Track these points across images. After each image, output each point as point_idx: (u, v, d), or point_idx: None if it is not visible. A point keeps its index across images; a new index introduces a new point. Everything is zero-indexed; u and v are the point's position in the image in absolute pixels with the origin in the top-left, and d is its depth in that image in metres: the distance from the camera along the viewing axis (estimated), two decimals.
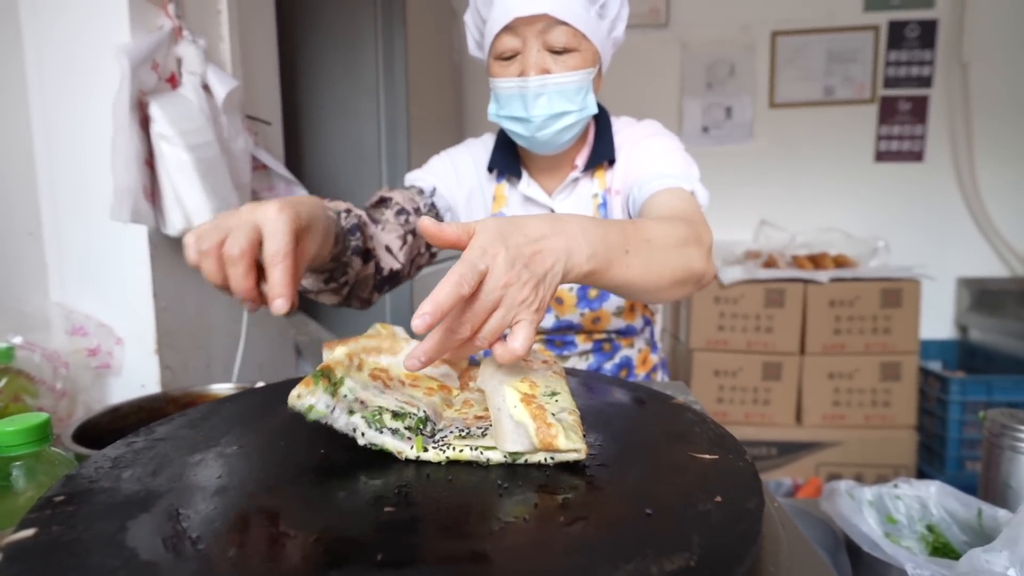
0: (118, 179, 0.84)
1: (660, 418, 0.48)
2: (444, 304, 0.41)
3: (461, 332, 0.44)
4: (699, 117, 2.53)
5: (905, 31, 2.38)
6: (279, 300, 0.48)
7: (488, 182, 0.96)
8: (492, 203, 0.95)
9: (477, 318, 0.44)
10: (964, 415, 1.98)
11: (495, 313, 0.44)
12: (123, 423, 0.78)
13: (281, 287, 0.48)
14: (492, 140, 0.99)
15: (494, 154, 0.95)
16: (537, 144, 0.86)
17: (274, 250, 0.48)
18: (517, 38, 0.79)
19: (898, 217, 2.44)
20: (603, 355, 0.96)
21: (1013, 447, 0.70)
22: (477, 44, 0.91)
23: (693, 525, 0.31)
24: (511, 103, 0.82)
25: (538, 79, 0.79)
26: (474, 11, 0.86)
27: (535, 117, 0.81)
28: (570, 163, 0.93)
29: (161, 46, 0.91)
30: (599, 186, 0.92)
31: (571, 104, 0.81)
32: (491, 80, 0.85)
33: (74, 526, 0.32)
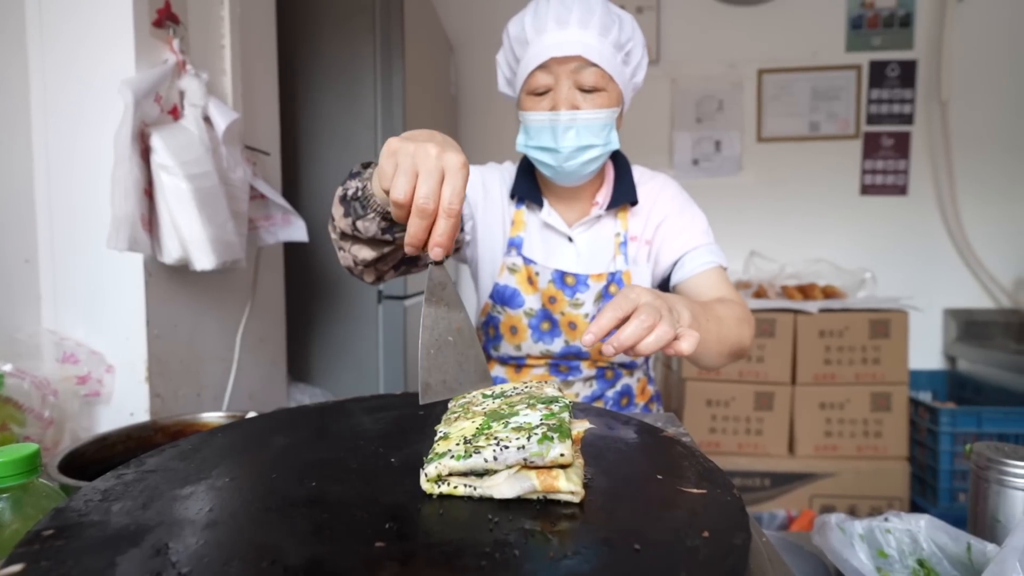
0: (117, 208, 0.85)
1: (650, 451, 0.49)
2: (606, 326, 0.60)
3: (648, 322, 0.59)
4: (689, 150, 2.59)
5: (886, 70, 2.47)
6: (438, 249, 0.53)
7: (508, 206, 1.01)
8: (511, 227, 1.00)
9: (648, 318, 0.59)
10: (955, 446, 1.99)
11: (654, 313, 0.60)
12: (110, 452, 0.77)
13: (445, 237, 0.53)
14: (511, 168, 1.04)
15: (517, 181, 1.00)
16: (562, 174, 0.91)
17: (450, 201, 0.52)
18: (550, 76, 0.86)
19: (884, 249, 2.49)
20: (606, 382, 0.99)
21: (1000, 480, 0.71)
22: (508, 81, 0.96)
23: (681, 562, 0.31)
24: (541, 135, 0.88)
25: (568, 114, 0.85)
26: (508, 50, 0.92)
27: (564, 148, 0.87)
28: (588, 199, 0.99)
29: (165, 79, 0.93)
30: (621, 227, 0.98)
31: (596, 139, 0.87)
32: (522, 113, 0.91)
33: (63, 561, 0.32)
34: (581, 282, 0.95)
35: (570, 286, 0.95)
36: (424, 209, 0.52)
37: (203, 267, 0.95)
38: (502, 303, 0.97)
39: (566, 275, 0.95)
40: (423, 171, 0.52)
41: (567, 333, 0.96)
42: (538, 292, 0.96)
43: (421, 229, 0.53)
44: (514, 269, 0.97)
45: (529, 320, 0.97)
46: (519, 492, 0.39)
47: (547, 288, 0.96)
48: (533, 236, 0.99)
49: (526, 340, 0.97)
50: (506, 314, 0.98)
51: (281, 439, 0.52)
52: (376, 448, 0.50)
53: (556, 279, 0.95)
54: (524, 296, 0.97)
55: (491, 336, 1.00)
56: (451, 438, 0.44)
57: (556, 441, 0.40)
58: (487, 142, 2.53)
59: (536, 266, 0.96)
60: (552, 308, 0.96)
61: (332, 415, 0.60)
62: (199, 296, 1.08)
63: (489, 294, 0.99)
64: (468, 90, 2.56)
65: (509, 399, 0.51)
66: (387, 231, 0.71)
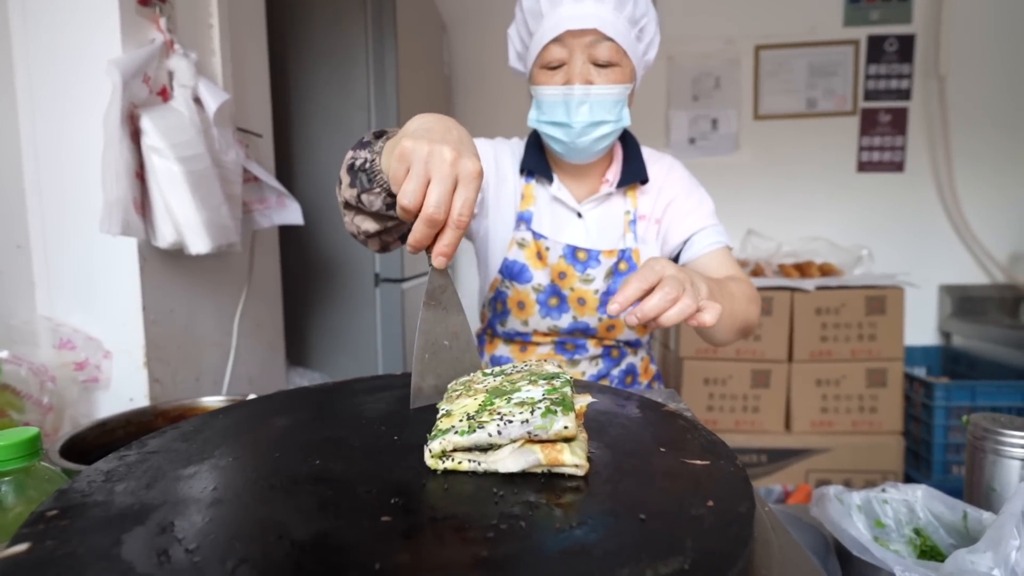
0: (108, 192, 0.84)
1: (653, 425, 0.49)
2: (632, 296, 0.60)
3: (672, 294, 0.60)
4: (686, 129, 2.57)
5: (884, 45, 2.45)
6: (442, 258, 0.52)
7: (518, 180, 1.01)
8: (520, 201, 0.99)
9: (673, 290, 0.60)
10: (949, 420, 2.01)
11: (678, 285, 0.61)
12: (111, 437, 0.77)
13: (451, 248, 0.52)
14: (520, 144, 1.03)
15: (526, 156, 0.99)
16: (574, 150, 0.91)
17: (461, 212, 0.51)
18: (565, 49, 0.85)
19: (881, 226, 2.49)
20: (611, 361, 1.00)
21: (996, 450, 0.72)
22: (519, 55, 0.94)
23: (686, 529, 0.32)
24: (554, 109, 0.87)
25: (582, 88, 0.85)
26: (521, 23, 0.91)
27: (576, 123, 0.86)
28: (598, 176, 0.99)
29: (152, 59, 0.91)
30: (631, 205, 0.98)
31: (609, 115, 0.87)
32: (534, 88, 0.90)
33: (68, 540, 0.32)
34: (593, 257, 0.95)
35: (581, 261, 0.95)
36: (433, 218, 0.50)
37: (198, 251, 0.94)
38: (511, 278, 0.97)
39: (578, 250, 0.95)
40: (436, 177, 0.50)
41: (575, 309, 0.96)
42: (547, 267, 0.96)
43: (427, 236, 0.51)
44: (523, 244, 0.97)
45: (537, 295, 0.97)
46: (524, 466, 0.39)
47: (557, 263, 0.95)
48: (543, 210, 0.98)
49: (533, 315, 0.97)
50: (514, 289, 0.98)
51: (283, 419, 0.52)
52: (379, 427, 0.50)
53: (567, 254, 0.95)
54: (532, 271, 0.96)
55: (498, 311, 1.00)
56: (454, 415, 0.44)
57: (560, 414, 0.40)
58: (481, 122, 2.50)
59: (547, 241, 0.96)
60: (561, 284, 0.96)
61: (333, 396, 0.60)
62: (195, 281, 1.07)
63: (498, 269, 0.99)
64: (462, 70, 2.52)
65: (510, 376, 0.51)
66: (392, 207, 0.69)
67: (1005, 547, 0.45)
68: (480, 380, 0.52)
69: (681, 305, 0.60)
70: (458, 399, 0.47)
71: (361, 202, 0.69)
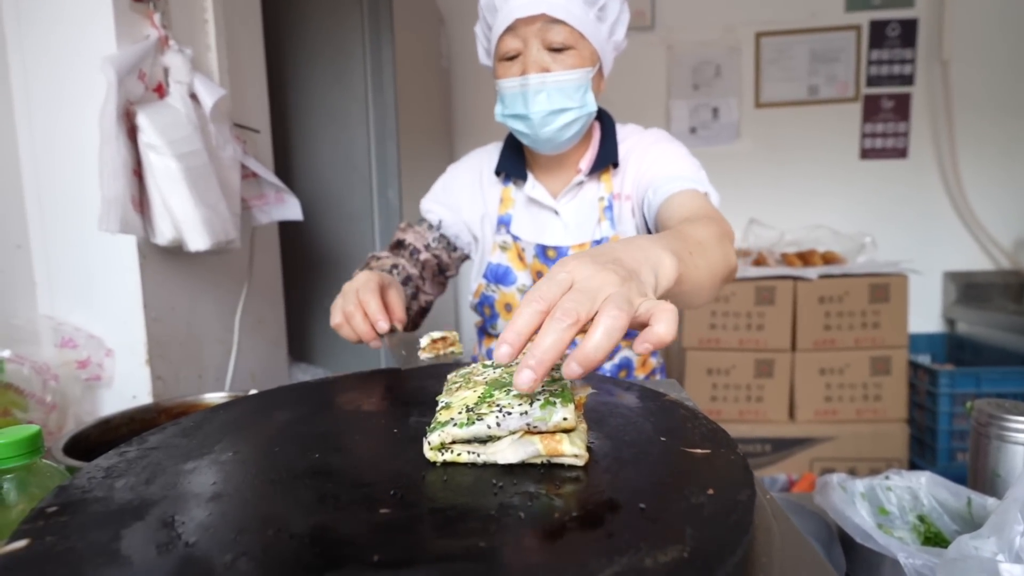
0: (106, 189, 0.84)
1: (653, 415, 0.49)
2: (523, 328, 0.38)
3: (566, 320, 0.37)
4: (686, 118, 2.55)
5: (886, 30, 2.42)
6: (380, 322, 0.71)
7: (494, 186, 1.00)
8: (499, 205, 0.98)
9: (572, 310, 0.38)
10: (953, 407, 2.01)
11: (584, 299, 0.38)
12: (114, 435, 0.77)
13: (378, 313, 0.72)
14: (495, 146, 1.02)
15: (501, 158, 0.98)
16: (540, 142, 0.88)
17: (365, 295, 0.73)
18: (518, 39, 0.83)
19: (884, 213, 2.47)
20: None
21: (1000, 436, 0.71)
22: (486, 52, 0.93)
23: (686, 518, 0.31)
24: (514, 102, 0.85)
25: (538, 76, 0.82)
26: (482, 20, 0.90)
27: (535, 114, 0.84)
28: (574, 166, 0.95)
29: (147, 56, 0.91)
30: (605, 190, 0.94)
31: (570, 101, 0.84)
32: (497, 82, 0.88)
33: (68, 536, 0.32)
34: (562, 254, 0.93)
35: (552, 259, 0.93)
36: (350, 314, 0.73)
37: (197, 248, 0.93)
38: (496, 281, 0.97)
39: (547, 249, 0.94)
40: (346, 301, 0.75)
41: None
42: (527, 268, 0.96)
43: (360, 323, 0.72)
44: (505, 247, 0.97)
45: (523, 296, 0.95)
46: (523, 457, 0.39)
47: (533, 263, 0.95)
48: (521, 212, 0.97)
49: None
50: (500, 292, 0.97)
51: (283, 414, 0.52)
52: (378, 420, 0.50)
53: (539, 253, 0.94)
54: (516, 273, 0.96)
55: (487, 315, 1.00)
56: (453, 407, 0.43)
57: (559, 406, 0.39)
58: (481, 116, 2.49)
59: (523, 242, 0.95)
60: None
61: (333, 390, 0.60)
62: (195, 278, 1.07)
63: (483, 273, 0.98)
64: (460, 63, 2.51)
65: (509, 368, 0.51)
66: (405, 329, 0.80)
67: (1009, 532, 0.45)
68: (480, 372, 0.52)
69: (605, 325, 0.37)
70: (457, 391, 0.47)
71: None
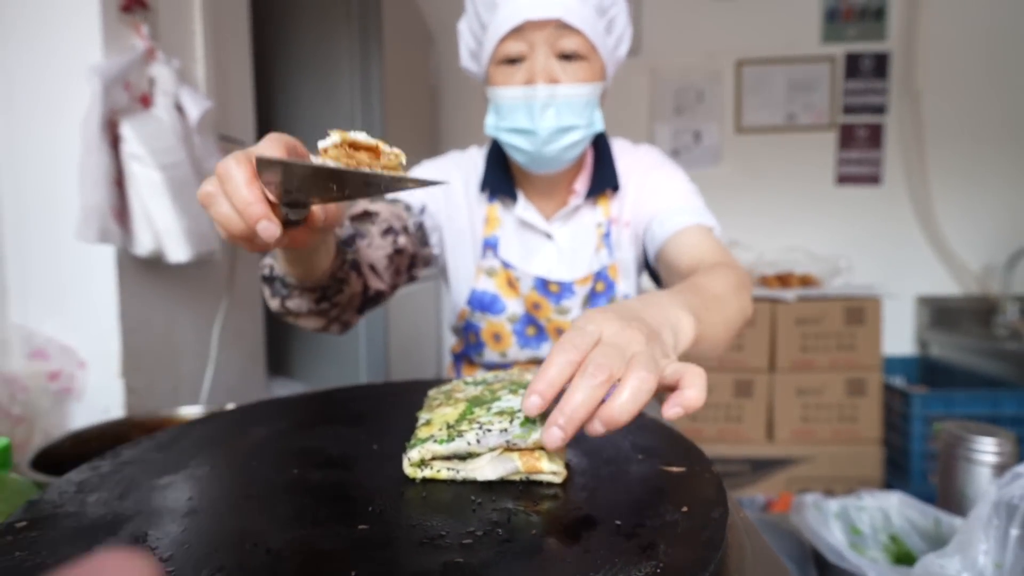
0: (86, 198, 0.83)
1: (631, 433, 0.50)
2: (555, 380, 0.36)
3: (600, 376, 0.36)
4: (669, 141, 2.61)
5: (860, 62, 2.52)
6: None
7: (478, 202, 0.90)
8: (484, 226, 0.90)
9: (605, 366, 0.36)
10: (926, 429, 2.05)
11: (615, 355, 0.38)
12: (85, 449, 0.75)
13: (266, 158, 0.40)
14: (480, 155, 0.92)
15: (487, 172, 0.88)
16: (540, 161, 0.80)
17: (255, 147, 0.43)
18: (524, 42, 0.74)
19: (859, 238, 2.54)
20: None
21: (967, 457, 0.73)
22: (472, 54, 0.84)
23: (660, 535, 0.32)
24: (514, 114, 0.76)
25: (547, 88, 0.74)
26: (472, 16, 0.80)
27: (542, 129, 0.76)
28: (567, 187, 0.88)
29: (134, 66, 0.91)
30: (603, 215, 0.88)
31: (579, 119, 0.77)
32: (491, 90, 0.78)
33: (38, 552, 0.31)
34: (566, 289, 0.87)
35: (554, 294, 0.87)
36: (222, 175, 0.41)
37: (177, 259, 0.93)
38: (481, 309, 0.89)
39: (549, 283, 0.87)
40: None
41: (555, 339, 0.88)
42: (520, 297, 0.88)
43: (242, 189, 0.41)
44: (492, 272, 0.88)
45: (513, 326, 0.89)
46: (502, 474, 0.39)
47: (530, 294, 0.88)
48: (510, 235, 0.89)
49: (511, 347, 0.89)
50: (487, 321, 0.89)
51: (260, 429, 0.52)
52: (357, 436, 0.50)
53: (539, 286, 0.87)
54: (505, 301, 0.88)
55: (472, 343, 0.92)
56: (433, 423, 0.44)
57: (538, 424, 0.40)
58: (468, 135, 2.52)
59: (516, 271, 0.87)
60: (537, 314, 0.88)
61: (311, 405, 0.59)
62: (173, 289, 1.06)
63: (466, 300, 0.90)
64: (449, 82, 2.54)
65: (491, 386, 0.51)
66: (323, 300, 0.67)
67: (973, 551, 0.46)
68: (461, 389, 0.52)
69: (632, 386, 0.36)
70: (438, 407, 0.48)
71: (288, 309, 0.68)
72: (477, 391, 0.50)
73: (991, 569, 0.47)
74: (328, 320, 0.72)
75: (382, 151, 0.42)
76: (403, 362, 1.83)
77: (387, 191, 0.45)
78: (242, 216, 0.41)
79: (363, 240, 0.74)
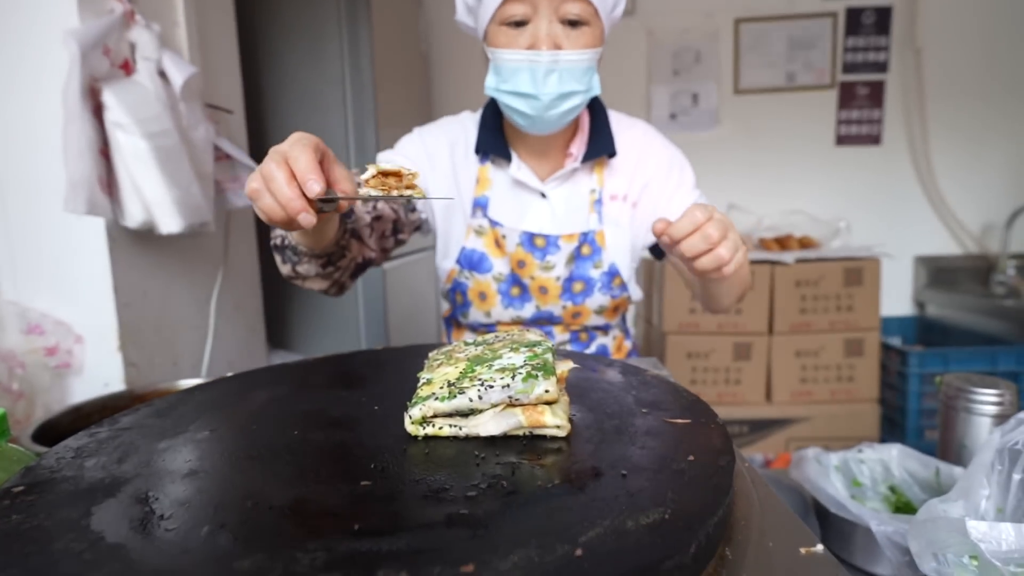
0: (71, 170, 0.81)
1: (635, 388, 0.49)
2: (686, 227, 0.62)
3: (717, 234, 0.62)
4: (666, 104, 2.55)
5: (862, 17, 2.45)
6: (311, 183, 0.51)
7: (468, 164, 0.92)
8: (475, 186, 0.91)
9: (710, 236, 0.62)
10: (923, 386, 2.07)
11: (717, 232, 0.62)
12: (86, 422, 0.75)
13: (309, 170, 0.51)
14: (472, 119, 0.94)
15: (481, 134, 0.90)
16: (539, 124, 0.82)
17: (295, 151, 0.52)
18: (528, 5, 0.75)
19: (858, 198, 2.52)
20: (580, 344, 0.97)
21: (967, 408, 0.74)
22: (469, 9, 0.83)
23: (667, 482, 0.32)
24: (516, 77, 0.77)
25: (550, 54, 0.75)
26: None
27: (544, 95, 0.77)
28: (561, 149, 0.90)
29: (112, 31, 0.88)
30: (596, 182, 0.90)
31: (579, 84, 0.78)
32: (492, 50, 0.79)
33: (35, 514, 0.31)
34: (552, 243, 0.89)
35: (540, 248, 0.89)
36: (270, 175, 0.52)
37: (169, 230, 0.91)
38: (470, 268, 0.91)
39: (535, 236, 0.89)
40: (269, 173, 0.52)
41: (538, 298, 0.91)
42: (506, 256, 0.90)
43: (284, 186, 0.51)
44: (481, 232, 0.90)
45: (499, 285, 0.91)
46: (505, 429, 0.39)
47: (515, 252, 0.89)
48: (501, 195, 0.91)
49: (496, 306, 0.92)
50: (474, 279, 0.91)
51: (261, 394, 0.51)
52: (358, 398, 0.49)
53: (525, 241, 0.89)
54: (492, 260, 0.90)
55: (459, 303, 0.95)
56: (435, 383, 0.43)
57: (541, 379, 0.39)
58: (461, 101, 2.45)
59: (503, 228, 0.89)
60: (521, 272, 0.90)
61: (311, 370, 0.59)
62: (168, 262, 1.05)
63: (456, 259, 0.92)
64: (440, 46, 2.47)
65: (491, 345, 0.51)
66: (328, 264, 0.75)
67: (975, 496, 0.47)
68: (462, 349, 0.52)
69: (717, 252, 0.61)
70: (439, 367, 0.47)
71: (299, 274, 0.76)
72: (478, 351, 0.50)
73: (993, 513, 0.47)
74: (331, 282, 0.80)
75: (403, 173, 0.53)
76: (402, 332, 1.83)
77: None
78: (285, 209, 0.52)
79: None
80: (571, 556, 0.25)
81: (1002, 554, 0.38)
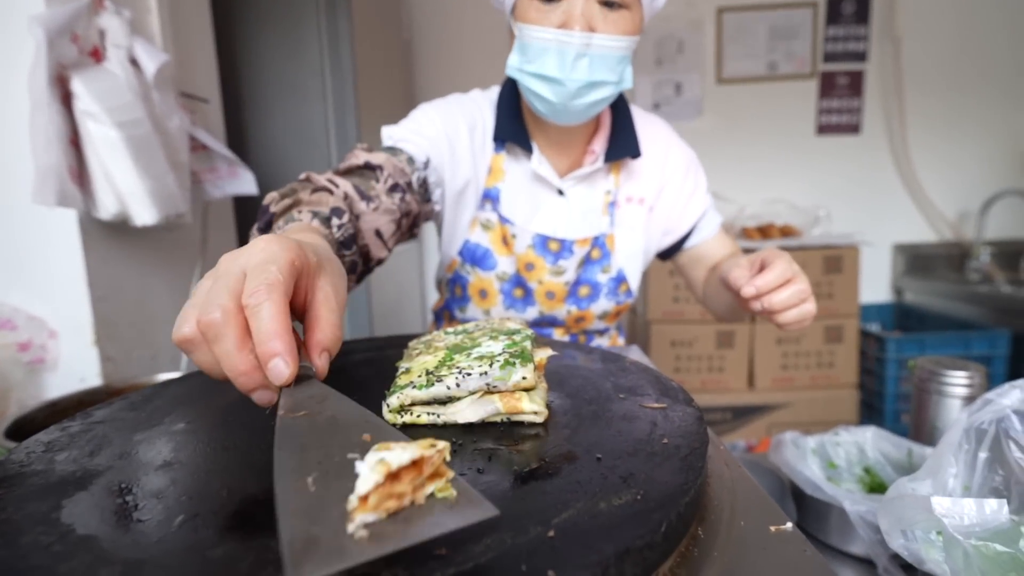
0: (39, 159, 0.79)
1: (613, 375, 0.50)
2: (773, 282, 0.67)
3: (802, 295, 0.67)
4: (650, 94, 2.56)
5: (842, 7, 2.47)
6: (276, 360, 0.32)
7: (484, 150, 0.83)
8: (487, 175, 0.84)
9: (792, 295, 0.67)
10: (900, 371, 2.12)
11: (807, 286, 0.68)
12: (61, 418, 0.74)
13: (274, 337, 0.32)
14: (487, 100, 0.86)
15: (500, 120, 0.82)
16: (561, 113, 0.75)
17: (254, 285, 0.32)
18: None
19: (838, 187, 2.56)
20: None
21: (939, 391, 0.75)
22: None
23: (640, 465, 0.32)
24: (543, 58, 0.70)
25: (583, 36, 0.68)
26: None
27: (571, 81, 0.70)
28: (581, 144, 0.84)
29: (80, 17, 0.85)
30: (613, 183, 0.86)
31: (611, 74, 0.71)
32: (519, 25, 0.71)
33: (3, 508, 0.30)
34: (566, 248, 0.84)
35: (553, 252, 0.84)
36: (210, 324, 0.32)
37: (144, 222, 0.89)
38: (472, 263, 0.86)
39: (549, 240, 0.84)
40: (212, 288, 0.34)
41: (543, 303, 0.87)
42: (513, 255, 0.85)
43: (233, 352, 0.32)
44: (488, 226, 0.84)
45: (501, 284, 0.86)
46: (483, 416, 0.39)
47: (524, 253, 0.84)
48: (515, 189, 0.84)
49: (496, 306, 0.88)
50: (476, 275, 0.87)
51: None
52: (336, 389, 0.49)
53: (537, 244, 0.84)
54: (497, 258, 0.85)
55: (457, 296, 0.90)
56: (413, 371, 0.43)
57: (518, 366, 0.39)
58: (445, 90, 2.43)
59: (514, 227, 0.83)
60: (527, 275, 0.86)
61: None
62: (143, 255, 1.03)
63: (458, 250, 0.86)
64: (423, 34, 2.44)
65: (471, 334, 0.51)
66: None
67: (943, 474, 0.48)
68: (441, 339, 0.52)
69: (805, 307, 0.67)
70: (418, 356, 0.47)
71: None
72: (457, 339, 0.50)
73: (960, 491, 0.48)
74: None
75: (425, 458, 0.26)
76: (386, 324, 1.82)
77: None
78: (233, 381, 0.34)
79: (369, 204, 0.65)
80: (544, 537, 0.26)
81: (964, 528, 0.39)
